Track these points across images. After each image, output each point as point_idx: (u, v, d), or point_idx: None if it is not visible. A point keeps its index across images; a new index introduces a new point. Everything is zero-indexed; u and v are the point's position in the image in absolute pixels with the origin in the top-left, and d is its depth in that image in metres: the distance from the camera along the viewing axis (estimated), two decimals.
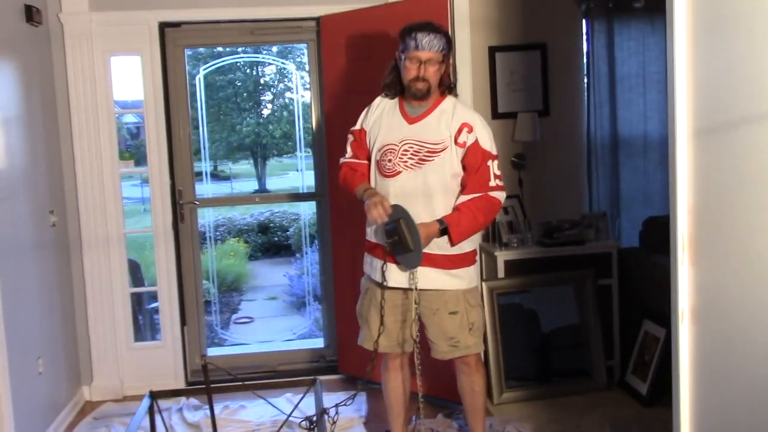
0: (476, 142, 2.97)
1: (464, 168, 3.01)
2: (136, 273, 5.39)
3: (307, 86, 4.92)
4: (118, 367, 4.49)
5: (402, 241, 2.90)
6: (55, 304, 4.11)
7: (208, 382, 2.91)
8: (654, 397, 3.94)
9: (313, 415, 2.88)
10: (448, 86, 3.10)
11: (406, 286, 3.06)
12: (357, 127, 3.22)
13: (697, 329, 1.86)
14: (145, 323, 5.34)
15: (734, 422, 1.75)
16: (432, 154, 2.98)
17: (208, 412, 3.23)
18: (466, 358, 3.19)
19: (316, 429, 2.83)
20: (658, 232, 4.12)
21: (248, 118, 13.84)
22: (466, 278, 3.12)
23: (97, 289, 4.41)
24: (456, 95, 3.16)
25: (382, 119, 3.12)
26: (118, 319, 4.46)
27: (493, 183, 2.98)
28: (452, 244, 2.99)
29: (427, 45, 2.92)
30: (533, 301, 4.41)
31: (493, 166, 3.00)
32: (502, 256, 4.21)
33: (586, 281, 4.28)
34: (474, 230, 3.03)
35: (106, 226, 4.39)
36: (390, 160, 3.04)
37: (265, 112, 14.58)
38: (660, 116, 4.86)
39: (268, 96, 14.77)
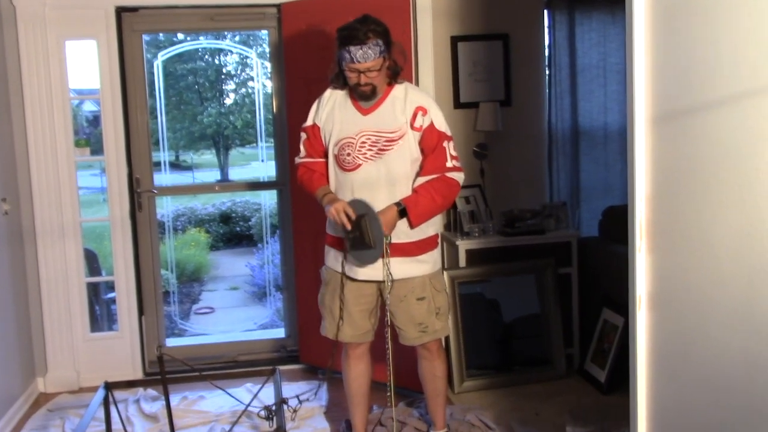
0: (431, 125, 2.96)
1: (422, 151, 3.00)
2: (92, 263, 5.29)
3: (269, 75, 4.86)
4: (73, 358, 4.40)
5: (363, 237, 2.88)
6: (7, 294, 4.01)
7: (164, 373, 2.86)
8: (612, 384, 3.99)
9: (272, 405, 2.85)
10: (395, 74, 3.02)
11: (378, 279, 3.04)
12: (309, 123, 3.14)
13: (654, 315, 1.87)
14: (102, 313, 5.25)
15: (690, 407, 1.77)
16: (391, 143, 2.96)
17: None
18: (427, 344, 3.19)
19: (274, 418, 2.80)
20: (617, 221, 4.16)
21: (210, 108, 13.69)
22: (430, 262, 3.13)
23: (52, 278, 4.32)
24: (401, 82, 3.06)
25: (334, 113, 3.05)
26: (73, 309, 4.38)
27: (450, 164, 2.98)
28: (411, 226, 2.98)
29: (362, 58, 2.85)
30: (495, 291, 4.43)
31: (449, 147, 2.99)
32: (463, 246, 4.22)
33: (547, 270, 4.31)
34: (433, 212, 3.02)
35: (61, 214, 4.29)
36: (349, 154, 3.01)
37: (227, 101, 14.44)
38: (620, 107, 4.91)
39: (231, 85, 14.62)
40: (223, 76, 14.37)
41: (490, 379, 4.18)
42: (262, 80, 9.67)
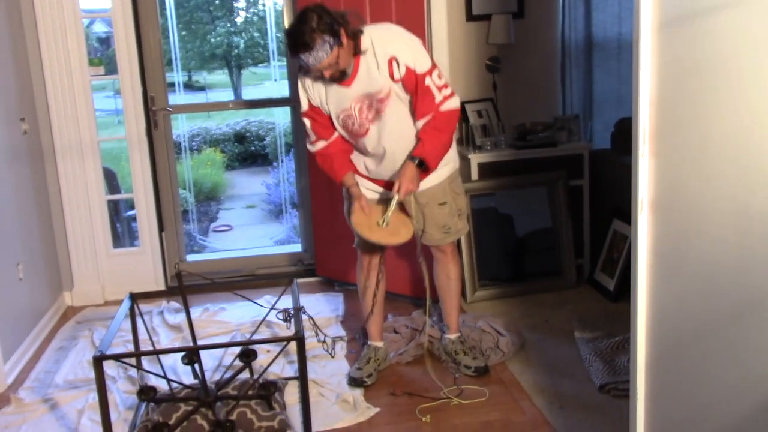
0: (407, 69, 2.90)
1: (410, 93, 2.99)
2: (112, 181, 5.40)
3: None
4: (98, 272, 4.56)
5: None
6: (31, 212, 4.13)
7: (183, 287, 2.97)
8: (621, 293, 4.08)
9: (290, 309, 2.97)
10: (356, 43, 2.89)
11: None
12: (305, 107, 3.09)
13: (656, 218, 1.93)
14: (123, 230, 5.38)
15: (688, 302, 1.85)
16: (382, 102, 2.97)
17: None
18: (442, 246, 3.30)
19: (292, 321, 2.93)
20: (629, 133, 4.17)
21: (219, 27, 13.54)
22: (450, 164, 3.20)
23: (73, 196, 4.43)
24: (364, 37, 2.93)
25: (323, 92, 3.02)
26: (96, 226, 4.50)
27: (439, 97, 2.95)
28: (432, 170, 3.04)
29: (315, 61, 2.78)
30: (508, 205, 4.49)
31: (434, 80, 2.93)
32: (475, 159, 4.26)
33: (558, 182, 4.35)
34: (445, 147, 3.06)
35: (79, 133, 4.37)
36: (353, 123, 3.03)
37: (238, 20, 14.25)
38: None
39: (241, 3, 14.40)
40: None
41: (502, 288, 4.30)
42: None
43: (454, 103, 2.99)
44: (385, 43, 2.92)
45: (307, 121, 3.13)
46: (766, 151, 1.52)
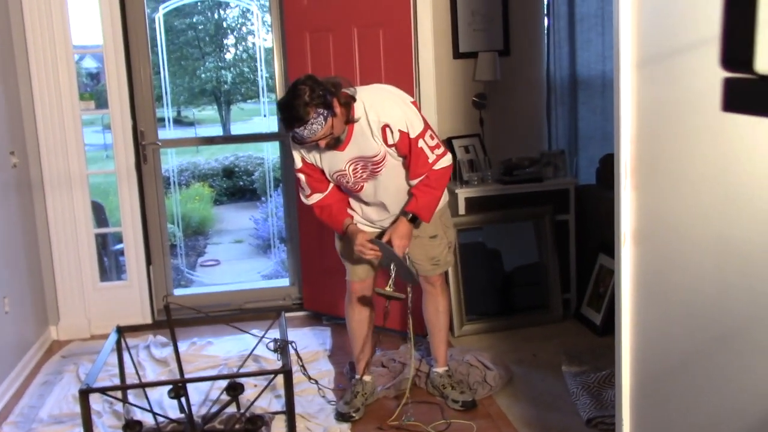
0: (401, 134, 2.93)
1: (402, 155, 3.03)
2: (100, 214, 5.40)
3: (270, 29, 4.89)
4: (84, 306, 4.54)
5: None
6: (18, 245, 4.12)
7: (171, 319, 2.97)
8: (607, 327, 4.09)
9: (281, 340, 2.98)
10: (349, 112, 2.91)
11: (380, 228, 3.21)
12: (299, 165, 3.10)
13: (638, 250, 1.97)
14: (110, 264, 5.37)
15: (670, 330, 1.87)
16: (377, 165, 3.01)
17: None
18: (431, 278, 3.34)
19: (279, 354, 2.93)
20: (614, 168, 4.23)
21: (208, 63, 13.65)
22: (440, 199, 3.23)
23: (61, 229, 4.43)
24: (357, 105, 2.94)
25: (317, 154, 3.05)
26: (83, 260, 4.49)
27: (432, 158, 2.99)
28: (428, 221, 3.10)
29: (310, 134, 2.81)
30: (496, 240, 4.53)
31: (426, 142, 2.97)
32: (462, 194, 4.30)
33: (545, 217, 4.40)
34: (437, 201, 3.11)
35: (68, 166, 4.38)
36: (348, 182, 3.08)
37: (228, 56, 14.38)
38: None
39: (231, 40, 14.55)
40: (223, 30, 14.29)
41: (489, 323, 4.31)
42: (262, 34, 9.66)
43: (446, 161, 3.03)
44: (378, 109, 2.93)
45: (302, 177, 3.13)
46: (743, 184, 1.56)
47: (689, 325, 1.79)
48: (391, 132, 2.93)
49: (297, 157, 3.09)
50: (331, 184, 3.15)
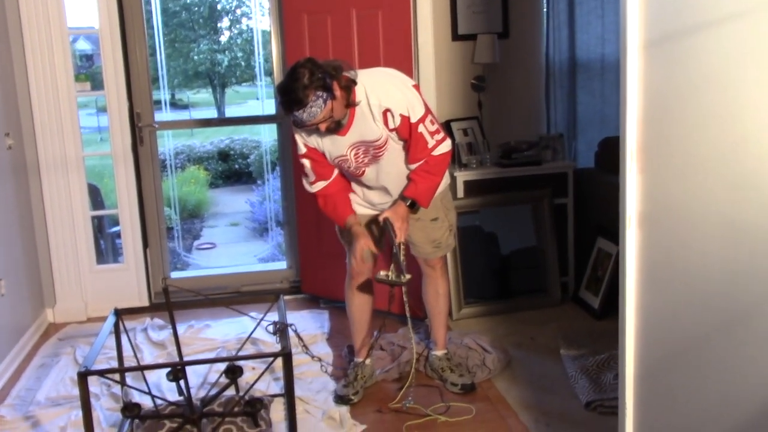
0: (402, 118, 2.91)
1: (403, 139, 3.01)
2: (96, 197, 5.36)
3: (267, 11, 4.84)
4: (81, 289, 4.52)
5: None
6: (14, 227, 4.10)
7: (170, 302, 2.95)
8: (605, 310, 4.11)
9: (280, 322, 2.97)
10: (349, 96, 2.88)
11: (379, 211, 3.17)
12: (303, 150, 3.06)
13: (643, 233, 1.96)
14: (107, 247, 5.35)
15: (675, 315, 1.87)
16: (379, 149, 2.99)
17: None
18: (432, 261, 3.33)
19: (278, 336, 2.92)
20: (613, 152, 4.21)
21: (202, 45, 13.57)
22: (441, 181, 3.20)
23: (57, 212, 4.40)
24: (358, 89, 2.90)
25: (319, 140, 3.02)
26: (79, 242, 4.47)
27: (431, 143, 2.97)
28: (426, 207, 3.07)
29: (309, 117, 2.78)
30: (493, 224, 4.52)
31: (426, 127, 2.95)
32: (461, 177, 4.29)
33: (543, 200, 4.39)
34: (436, 187, 3.09)
35: (64, 147, 4.35)
36: (349, 167, 3.06)
37: (222, 39, 14.29)
38: (618, 38, 4.89)
39: (225, 23, 14.46)
40: (217, 12, 14.19)
41: (488, 306, 4.31)
42: (259, 16, 9.59)
43: (446, 147, 3.01)
44: (379, 93, 2.90)
45: (306, 162, 3.09)
46: (752, 166, 1.55)
47: (695, 311, 1.78)
48: (392, 116, 2.91)
49: (300, 142, 3.06)
50: (336, 171, 3.13)
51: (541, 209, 4.40)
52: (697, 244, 1.74)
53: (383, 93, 2.90)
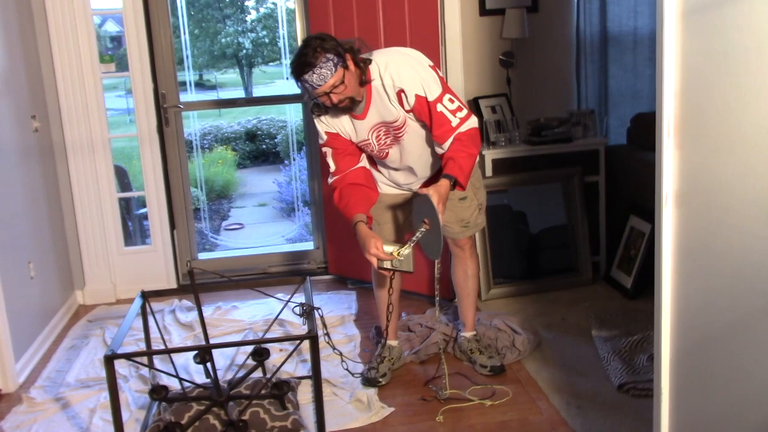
0: (417, 98, 2.84)
1: (422, 120, 2.94)
2: (123, 179, 5.37)
3: None
4: (109, 271, 4.54)
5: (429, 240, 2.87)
6: (42, 210, 4.11)
7: (195, 284, 2.94)
8: (638, 290, 4.02)
9: (307, 305, 2.94)
10: (364, 73, 2.83)
11: (405, 191, 3.17)
12: (324, 139, 3.01)
13: (680, 212, 1.88)
14: (134, 229, 5.36)
15: (713, 298, 1.79)
16: (399, 129, 2.94)
17: None
18: (460, 241, 3.27)
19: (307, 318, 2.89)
20: (646, 128, 4.11)
21: (229, 26, 13.55)
22: None
23: (84, 194, 4.41)
24: (372, 68, 2.87)
25: (340, 125, 2.98)
26: (107, 224, 4.48)
27: (455, 121, 2.88)
28: (464, 189, 2.97)
29: (319, 80, 2.71)
30: (522, 203, 4.43)
31: (445, 106, 2.86)
32: (490, 155, 4.20)
33: (574, 178, 4.29)
34: (473, 162, 2.97)
35: (90, 130, 4.34)
36: (372, 150, 3.02)
37: (249, 18, 14.25)
38: (651, 11, 4.76)
39: (251, 2, 14.41)
40: None
41: (517, 286, 4.24)
42: None
43: (472, 123, 2.92)
44: (392, 73, 2.85)
45: (328, 151, 3.05)
46: None
47: (734, 293, 1.70)
48: (406, 97, 2.85)
49: (321, 129, 3.01)
50: (357, 164, 3.06)
51: (572, 187, 4.31)
52: (737, 223, 1.65)
53: (396, 73, 2.85)
